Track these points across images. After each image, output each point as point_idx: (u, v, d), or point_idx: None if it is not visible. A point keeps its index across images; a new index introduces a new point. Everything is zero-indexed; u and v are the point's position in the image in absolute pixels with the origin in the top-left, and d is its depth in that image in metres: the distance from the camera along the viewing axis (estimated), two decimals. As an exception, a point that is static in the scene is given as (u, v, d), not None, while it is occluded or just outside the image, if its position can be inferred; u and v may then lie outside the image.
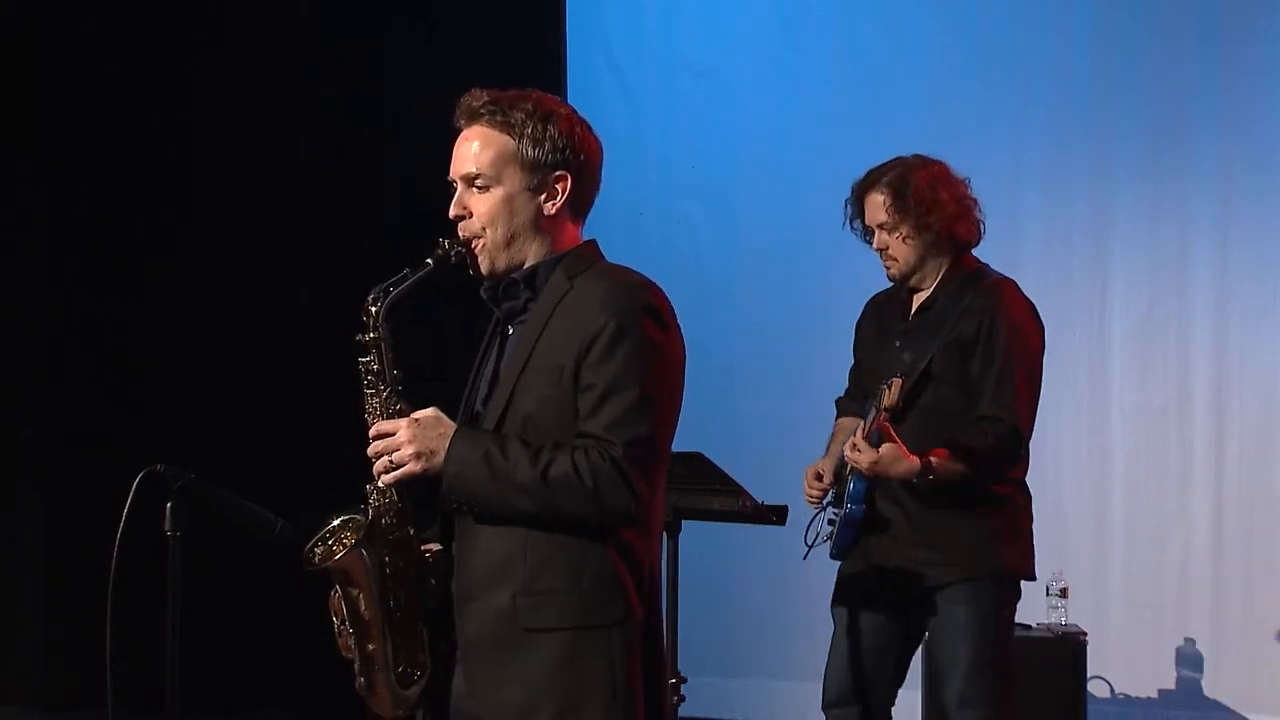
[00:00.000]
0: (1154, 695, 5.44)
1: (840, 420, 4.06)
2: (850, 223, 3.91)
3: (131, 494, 2.88)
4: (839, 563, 3.89)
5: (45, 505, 5.88)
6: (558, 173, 2.56)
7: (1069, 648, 4.74)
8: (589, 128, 2.61)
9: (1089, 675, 4.76)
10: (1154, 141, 5.49)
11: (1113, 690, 5.40)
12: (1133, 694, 5.43)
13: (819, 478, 3.91)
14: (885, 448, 3.58)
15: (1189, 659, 5.43)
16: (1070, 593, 4.92)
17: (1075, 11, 5.58)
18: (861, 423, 3.75)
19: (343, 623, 2.61)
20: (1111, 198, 5.54)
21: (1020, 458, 3.73)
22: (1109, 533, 5.51)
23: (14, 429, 5.87)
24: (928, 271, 3.83)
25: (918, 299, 3.89)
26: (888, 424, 3.61)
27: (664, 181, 5.96)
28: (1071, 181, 5.58)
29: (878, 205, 3.80)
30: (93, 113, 5.82)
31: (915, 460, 3.56)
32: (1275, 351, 5.39)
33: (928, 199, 3.75)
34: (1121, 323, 5.54)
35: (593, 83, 5.96)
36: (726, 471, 3.95)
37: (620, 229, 5.66)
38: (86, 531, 4.89)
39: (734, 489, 3.88)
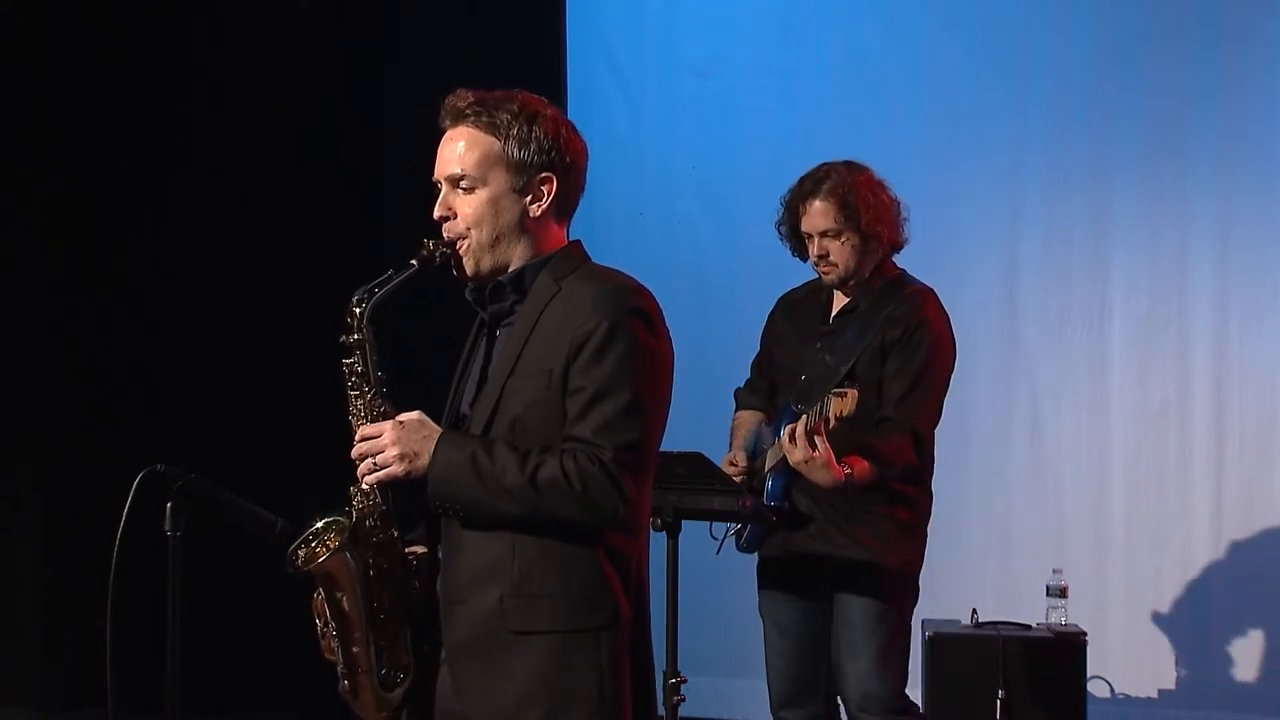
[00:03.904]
0: (1154, 695, 5.43)
1: (740, 414, 4.19)
2: (778, 228, 3.99)
3: (131, 494, 2.88)
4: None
5: (45, 505, 5.88)
6: (543, 174, 2.55)
7: (1069, 648, 4.73)
8: (574, 129, 2.60)
9: (1089, 675, 4.75)
10: (1154, 141, 5.48)
11: (1113, 690, 5.39)
12: (1133, 694, 5.43)
13: (733, 465, 4.05)
14: (818, 453, 3.67)
15: (1189, 659, 5.43)
16: (1070, 593, 4.91)
17: (1075, 11, 5.57)
18: (780, 420, 3.89)
19: (325, 625, 2.61)
20: (1111, 198, 5.53)
21: (923, 463, 3.86)
22: (1109, 533, 5.50)
23: (14, 428, 5.87)
24: (862, 275, 3.92)
25: (838, 302, 3.98)
26: (823, 431, 3.67)
27: (664, 181, 5.95)
28: (1071, 181, 5.57)
29: (820, 212, 3.87)
30: (93, 113, 5.83)
31: (839, 473, 3.68)
32: (1275, 351, 5.38)
33: (872, 204, 3.85)
34: (1121, 323, 5.53)
35: (593, 83, 5.95)
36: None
37: (620, 229, 5.68)
38: (86, 531, 4.89)
39: (734, 489, 3.88)
